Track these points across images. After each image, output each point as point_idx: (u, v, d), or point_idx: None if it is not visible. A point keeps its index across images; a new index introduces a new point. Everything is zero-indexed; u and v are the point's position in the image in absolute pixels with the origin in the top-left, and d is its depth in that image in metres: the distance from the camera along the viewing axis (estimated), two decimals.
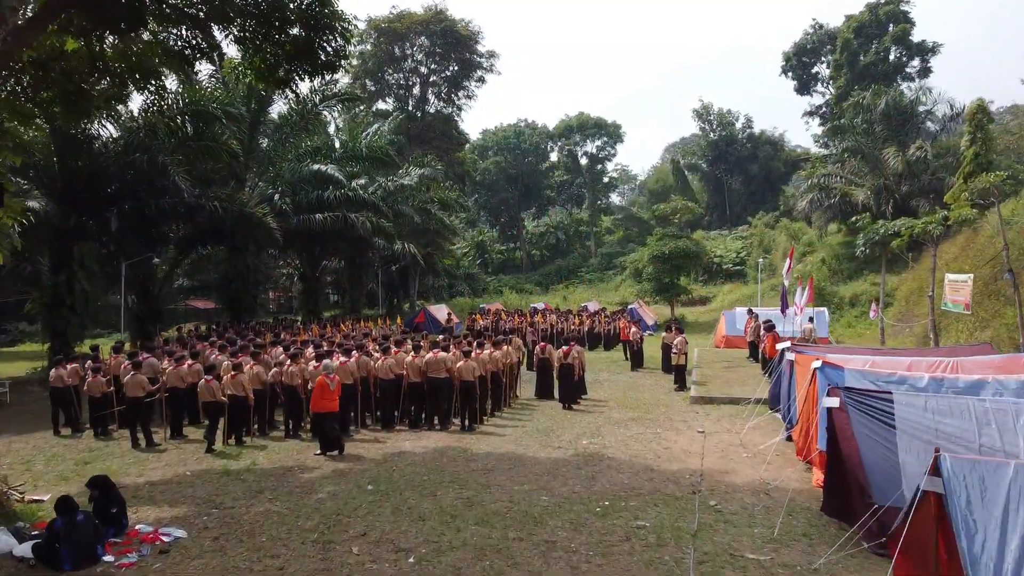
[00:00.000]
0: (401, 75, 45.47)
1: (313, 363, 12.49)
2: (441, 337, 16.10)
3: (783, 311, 23.12)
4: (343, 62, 11.97)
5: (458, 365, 12.67)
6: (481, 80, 45.93)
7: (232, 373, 11.70)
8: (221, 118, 19.90)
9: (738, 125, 64.39)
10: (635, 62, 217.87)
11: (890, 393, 7.17)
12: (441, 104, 46.39)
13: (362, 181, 29.23)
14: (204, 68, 25.00)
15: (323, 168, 24.76)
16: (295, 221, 25.97)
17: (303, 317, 31.31)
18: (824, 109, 53.78)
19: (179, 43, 10.67)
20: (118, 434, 12.79)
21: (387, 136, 34.60)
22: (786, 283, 23.16)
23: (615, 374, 20.07)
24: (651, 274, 35.23)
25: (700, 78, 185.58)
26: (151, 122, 19.81)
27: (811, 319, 21.31)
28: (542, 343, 16.19)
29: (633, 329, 21.03)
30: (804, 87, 53.42)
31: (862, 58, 46.03)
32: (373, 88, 44.21)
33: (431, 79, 45.87)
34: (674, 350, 17.18)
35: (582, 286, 55.82)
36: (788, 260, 22.27)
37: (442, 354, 12.76)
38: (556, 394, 15.51)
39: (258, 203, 21.97)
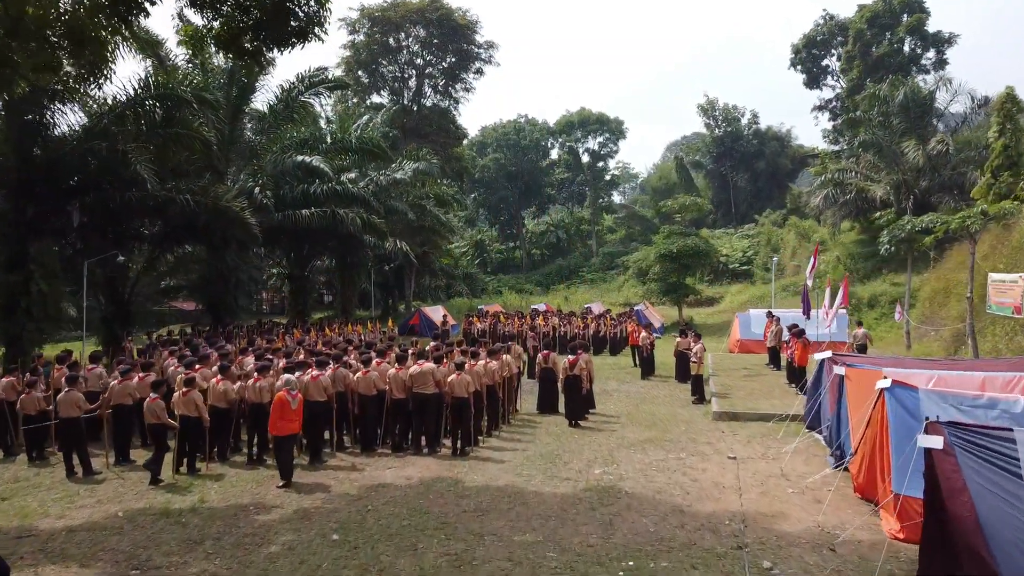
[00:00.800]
0: (396, 67, 43.71)
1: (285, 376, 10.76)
2: (432, 344, 14.34)
3: (805, 313, 21.42)
4: (320, 31, 10.31)
5: (449, 379, 10.93)
6: (479, 72, 44.25)
7: (184, 389, 9.95)
8: (192, 103, 18.11)
9: (744, 120, 62.76)
10: (635, 60, 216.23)
11: (1011, 431, 5.44)
12: (438, 97, 44.67)
13: (352, 175, 27.51)
14: (179, 53, 23.36)
15: (307, 160, 23.00)
16: (279, 217, 24.25)
17: (290, 319, 29.62)
18: (834, 103, 52.07)
19: None
20: (56, 458, 11.04)
21: (380, 129, 32.89)
22: (809, 283, 21.43)
23: (624, 383, 18.34)
24: (658, 274, 33.54)
25: (703, 74, 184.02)
26: (118, 108, 18.17)
27: (860, 323, 19.84)
28: (544, 351, 14.44)
29: (643, 333, 19.30)
30: (813, 81, 51.70)
31: (875, 49, 44.33)
32: (367, 80, 42.45)
33: (427, 71, 44.09)
34: (692, 358, 15.43)
35: (584, 286, 54.14)
36: (812, 259, 20.53)
37: (429, 365, 11.02)
38: (561, 408, 13.81)
39: (236, 196, 20.20)
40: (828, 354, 11.63)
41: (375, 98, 43.63)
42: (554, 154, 68.99)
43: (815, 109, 52.98)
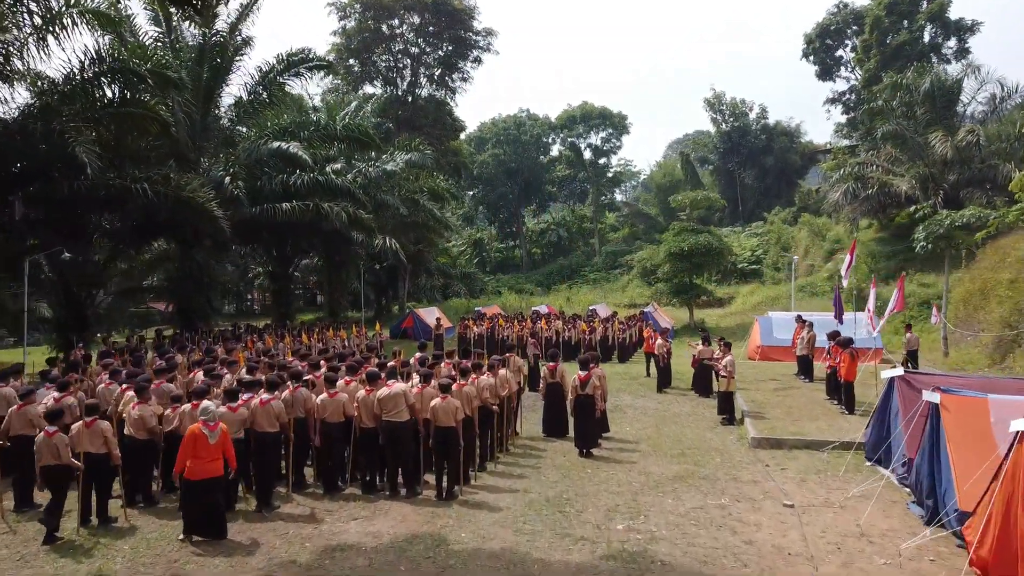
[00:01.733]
0: (389, 56, 41.53)
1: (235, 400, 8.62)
2: (416, 356, 12.19)
3: (837, 317, 19.26)
4: None
5: (432, 403, 8.77)
6: (477, 61, 42.08)
7: (86, 420, 7.78)
8: (147, 78, 15.93)
9: (752, 115, 60.61)
10: (635, 57, 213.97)
11: None
12: (433, 87, 42.46)
13: (338, 166, 25.37)
14: (150, 31, 21.25)
15: (285, 146, 20.83)
16: (256, 211, 22.14)
17: (272, 323, 27.51)
18: (848, 96, 49.91)
19: None
20: None
21: (371, 119, 30.77)
22: (844, 283, 19.29)
23: (639, 397, 16.17)
24: (667, 273, 31.35)
25: (705, 69, 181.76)
26: (64, 85, 16.01)
27: (909, 326, 17.83)
28: (551, 363, 12.24)
29: (659, 340, 17.12)
30: (827, 72, 49.54)
31: (893, 38, 42.17)
32: (358, 70, 40.25)
33: (423, 60, 41.90)
34: (721, 372, 13.26)
35: (586, 286, 51.99)
36: (849, 257, 18.33)
37: (399, 386, 8.84)
38: (570, 431, 11.67)
39: (203, 187, 18.03)
40: (899, 371, 9.47)
41: (368, 89, 41.46)
42: (555, 151, 66.86)
43: (828, 102, 50.92)
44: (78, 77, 15.60)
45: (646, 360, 19.22)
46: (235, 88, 23.10)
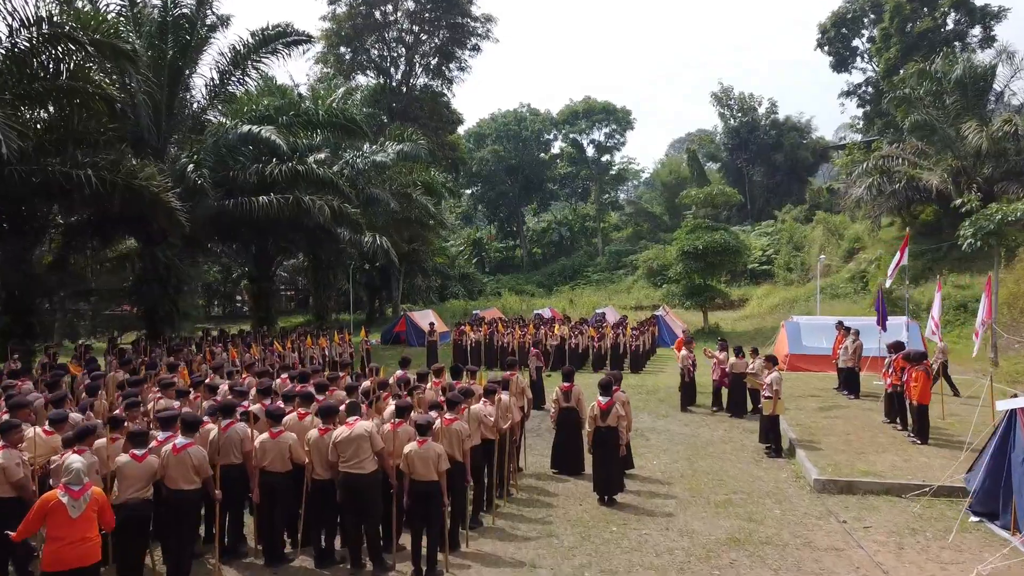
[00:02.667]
0: (383, 44, 39.26)
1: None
2: (397, 375, 9.97)
3: (880, 323, 17.06)
4: None
5: (407, 449, 6.52)
6: (476, 49, 39.78)
7: None
8: (86, 44, 13.66)
9: (761, 110, 58.39)
10: (637, 53, 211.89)
11: None
12: (430, 78, 40.20)
13: (322, 156, 23.11)
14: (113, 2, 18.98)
15: (255, 130, 18.56)
16: (230, 204, 19.90)
17: (252, 327, 25.29)
18: (864, 88, 47.65)
19: None
20: None
21: (360, 108, 28.55)
22: (887, 284, 17.09)
23: (661, 417, 13.92)
24: (680, 273, 29.09)
25: (709, 66, 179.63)
26: None
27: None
28: (566, 384, 9.92)
29: (683, 352, 14.85)
30: (842, 63, 47.26)
31: (914, 25, 39.94)
32: (349, 58, 37.97)
33: (418, 48, 39.63)
34: (766, 392, 10.99)
35: (589, 287, 49.75)
36: (899, 255, 16.10)
37: (362, 425, 6.56)
38: (586, 467, 9.46)
39: (160, 173, 15.76)
40: (1020, 402, 7.24)
41: (360, 79, 39.19)
42: (556, 147, 64.65)
43: (842, 95, 48.59)
44: (6, 44, 13.36)
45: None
46: (208, 70, 20.67)
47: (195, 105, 21.10)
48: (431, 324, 23.10)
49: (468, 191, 64.21)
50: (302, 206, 20.52)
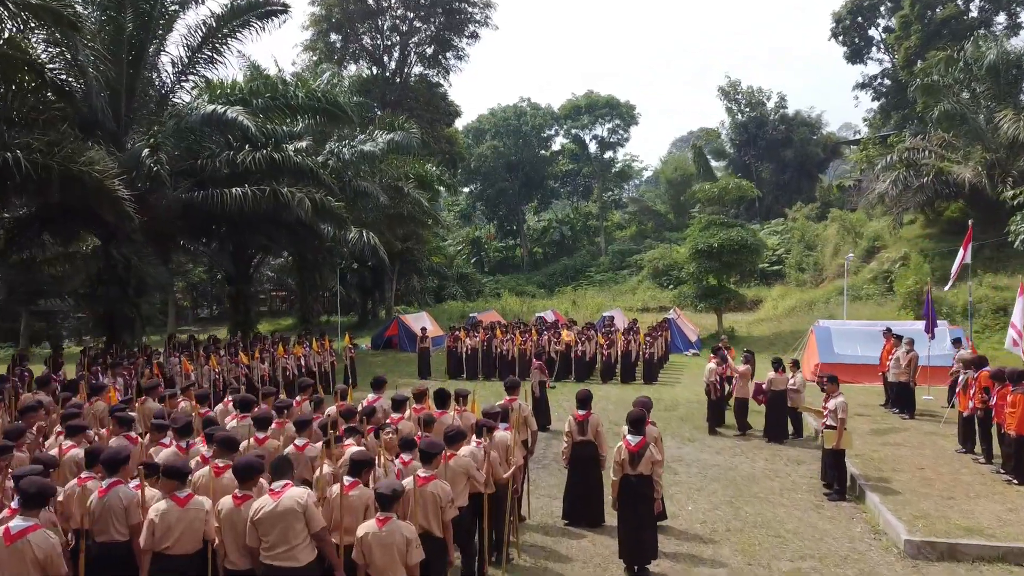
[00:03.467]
0: (377, 33, 37.19)
1: None
2: (369, 400, 7.95)
3: (928, 330, 15.06)
4: None
5: (363, 532, 4.46)
6: (474, 36, 37.66)
7: None
8: (20, 6, 11.61)
9: (769, 105, 56.28)
10: (633, 40, 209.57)
11: None
12: (425, 67, 38.08)
13: (303, 144, 21.04)
14: None
15: (220, 110, 16.47)
16: (199, 196, 17.87)
17: (229, 331, 23.30)
18: (879, 80, 45.61)
19: None
20: None
21: (350, 95, 26.48)
22: (948, 286, 15.09)
23: (687, 442, 11.88)
24: (692, 274, 27.02)
25: (708, 52, 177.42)
26: None
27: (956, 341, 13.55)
28: (581, 412, 7.81)
29: (711, 365, 12.74)
30: (856, 54, 45.21)
31: (936, 12, 37.91)
32: (340, 45, 35.88)
33: (413, 35, 37.51)
34: (826, 421, 8.93)
35: (592, 288, 47.63)
36: (962, 252, 14.05)
37: (294, 494, 4.48)
38: (607, 518, 7.44)
39: (110, 157, 13.72)
40: None
41: (352, 69, 37.04)
42: (557, 144, 62.55)
43: (857, 87, 46.52)
44: None
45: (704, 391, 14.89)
46: (176, 48, 18.67)
47: (163, 87, 19.06)
48: (423, 329, 21.04)
49: (466, 189, 62.16)
50: (280, 199, 18.48)
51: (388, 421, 7.09)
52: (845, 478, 8.89)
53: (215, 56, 18.18)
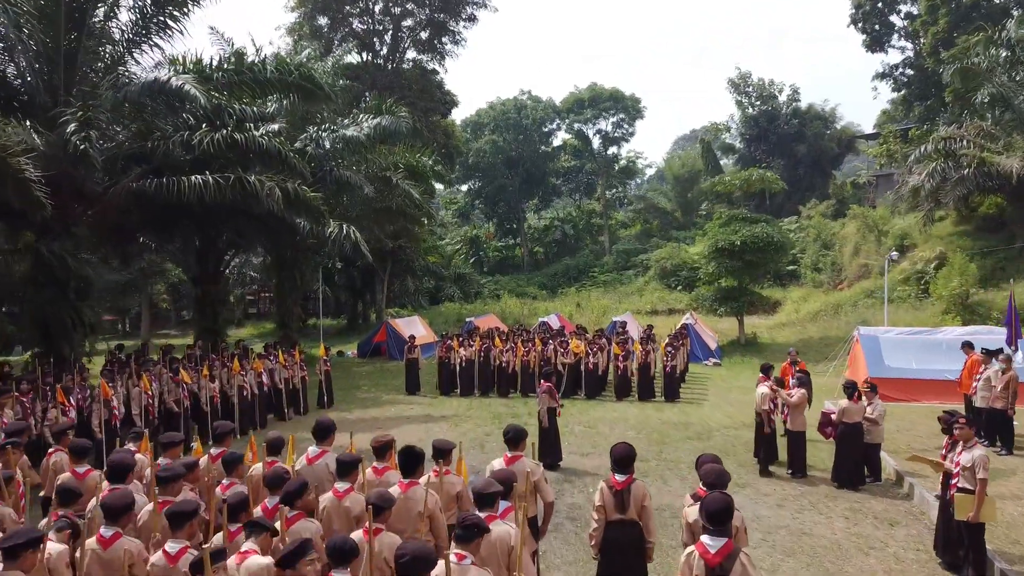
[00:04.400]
0: (368, 17, 34.66)
1: None
2: (308, 458, 5.46)
3: (1011, 341, 12.63)
4: None
5: None
6: (472, 19, 35.11)
7: None
8: None
9: (782, 98, 53.84)
10: (631, 20, 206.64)
11: None
12: (419, 51, 35.53)
13: (275, 127, 18.54)
14: None
15: (163, 78, 13.89)
16: (150, 185, 15.35)
17: (195, 338, 20.78)
18: (900, 70, 43.11)
19: None
20: None
21: (335, 77, 23.98)
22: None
23: (736, 487, 9.32)
24: (712, 274, 24.49)
25: (716, 56, 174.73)
26: None
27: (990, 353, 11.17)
28: (620, 475, 5.35)
29: (763, 389, 10.18)
30: (877, 42, 42.70)
31: None
32: (327, 29, 33.31)
33: (406, 20, 34.97)
34: (959, 482, 6.40)
35: (596, 290, 45.14)
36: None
37: None
38: None
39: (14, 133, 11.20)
40: None
41: (341, 55, 34.34)
42: (559, 139, 60.10)
43: (877, 77, 43.96)
44: None
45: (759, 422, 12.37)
46: (128, 14, 16.07)
47: (110, 59, 16.51)
48: (411, 337, 18.52)
49: (465, 186, 59.73)
50: (247, 188, 15.98)
51: (323, 508, 4.59)
52: (984, 561, 6.37)
53: (170, 22, 15.61)
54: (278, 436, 5.91)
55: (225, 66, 16.51)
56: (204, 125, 15.60)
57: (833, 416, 9.49)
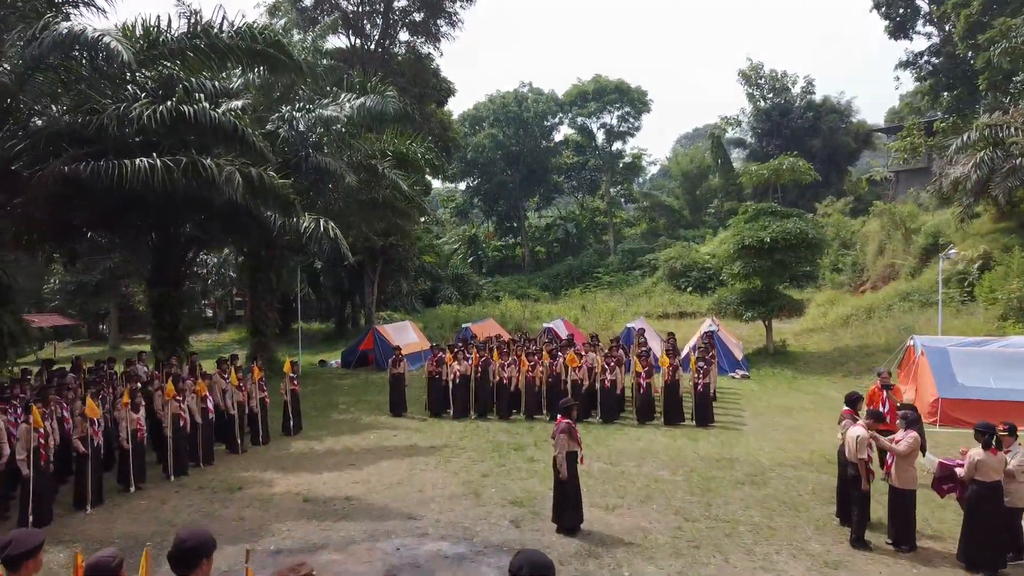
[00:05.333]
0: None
1: None
2: None
3: None
4: None
5: None
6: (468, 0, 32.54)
7: None
8: None
9: (795, 91, 51.36)
10: (641, 30, 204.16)
11: None
12: (412, 33, 32.95)
13: (239, 103, 15.95)
14: None
15: (78, 29, 11.25)
16: (84, 169, 12.79)
17: (152, 347, 18.30)
18: (924, 59, 40.58)
19: None
20: None
21: (318, 56, 21.48)
22: None
23: (824, 569, 6.77)
24: (737, 275, 21.91)
25: (718, 51, 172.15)
26: None
27: None
28: None
29: (857, 431, 7.59)
30: (901, 28, 40.18)
31: None
32: (312, 6, 30.70)
33: (398, 1, 32.40)
34: None
35: (601, 291, 42.60)
36: None
37: None
38: None
39: None
40: None
41: (329, 39, 31.89)
42: (561, 134, 57.65)
43: (900, 66, 41.38)
44: None
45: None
46: None
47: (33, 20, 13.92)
48: (396, 348, 15.94)
49: (463, 183, 57.27)
50: (203, 174, 13.43)
51: None
52: None
53: None
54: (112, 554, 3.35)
55: (175, 31, 13.90)
56: (143, 95, 13.02)
57: (959, 471, 6.93)
